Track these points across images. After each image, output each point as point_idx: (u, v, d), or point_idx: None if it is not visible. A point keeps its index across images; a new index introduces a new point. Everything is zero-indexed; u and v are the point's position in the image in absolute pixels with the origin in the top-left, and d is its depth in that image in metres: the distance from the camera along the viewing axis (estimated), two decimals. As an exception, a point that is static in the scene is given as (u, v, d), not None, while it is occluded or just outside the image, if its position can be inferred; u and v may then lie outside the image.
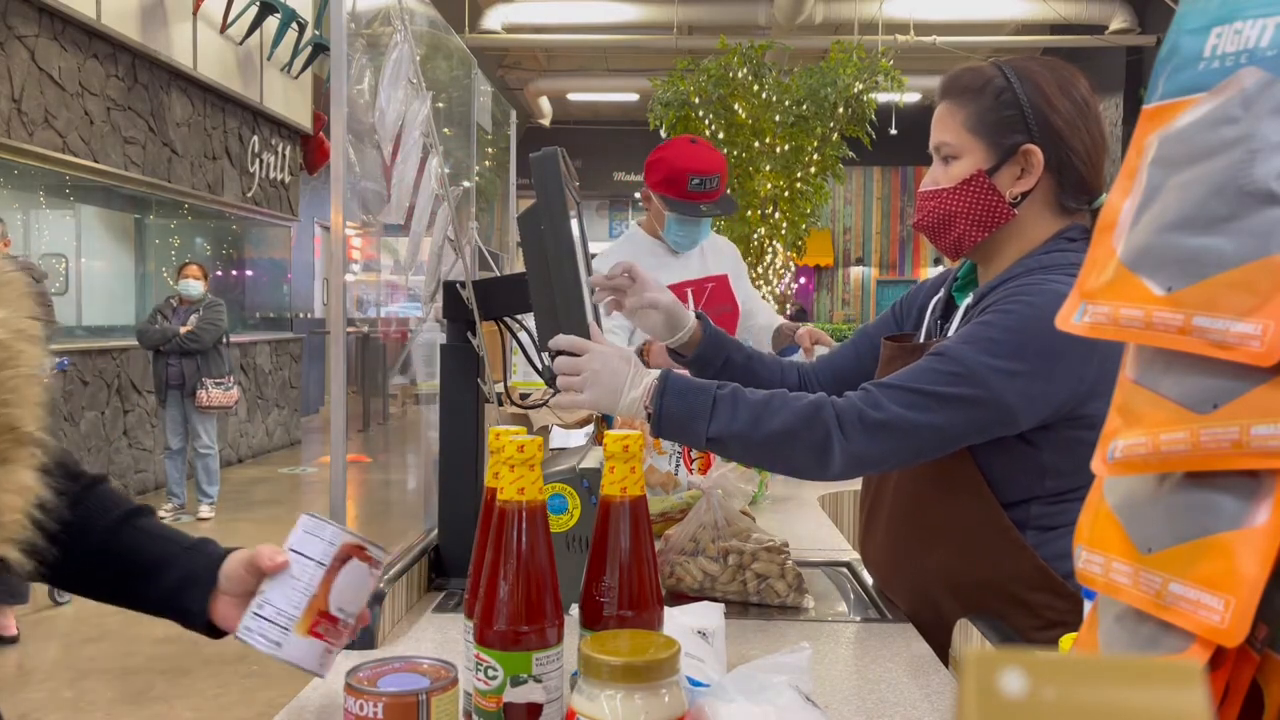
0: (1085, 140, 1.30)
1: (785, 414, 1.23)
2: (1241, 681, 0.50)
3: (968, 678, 0.29)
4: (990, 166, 1.30)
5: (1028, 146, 1.29)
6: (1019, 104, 1.29)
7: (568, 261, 1.34)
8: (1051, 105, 1.29)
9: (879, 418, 1.22)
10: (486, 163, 5.07)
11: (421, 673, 0.83)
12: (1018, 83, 1.30)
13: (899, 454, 1.25)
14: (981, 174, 1.31)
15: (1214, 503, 0.50)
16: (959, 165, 1.33)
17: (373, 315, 11.01)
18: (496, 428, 0.97)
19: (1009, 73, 1.31)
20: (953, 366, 1.23)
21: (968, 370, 1.22)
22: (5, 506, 0.80)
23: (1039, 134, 1.28)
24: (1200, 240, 0.51)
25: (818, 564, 1.80)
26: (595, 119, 17.43)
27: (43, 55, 6.38)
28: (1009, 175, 1.30)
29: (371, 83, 1.65)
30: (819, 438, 1.22)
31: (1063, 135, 1.29)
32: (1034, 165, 1.29)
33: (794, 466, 1.28)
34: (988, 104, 1.30)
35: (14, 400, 0.80)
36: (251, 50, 8.86)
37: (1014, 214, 1.31)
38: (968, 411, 1.22)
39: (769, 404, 1.25)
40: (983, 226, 1.33)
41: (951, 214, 1.33)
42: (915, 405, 1.22)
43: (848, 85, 9.58)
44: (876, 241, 18.50)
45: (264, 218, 9.94)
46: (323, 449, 9.76)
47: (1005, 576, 1.31)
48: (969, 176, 1.31)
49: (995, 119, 1.30)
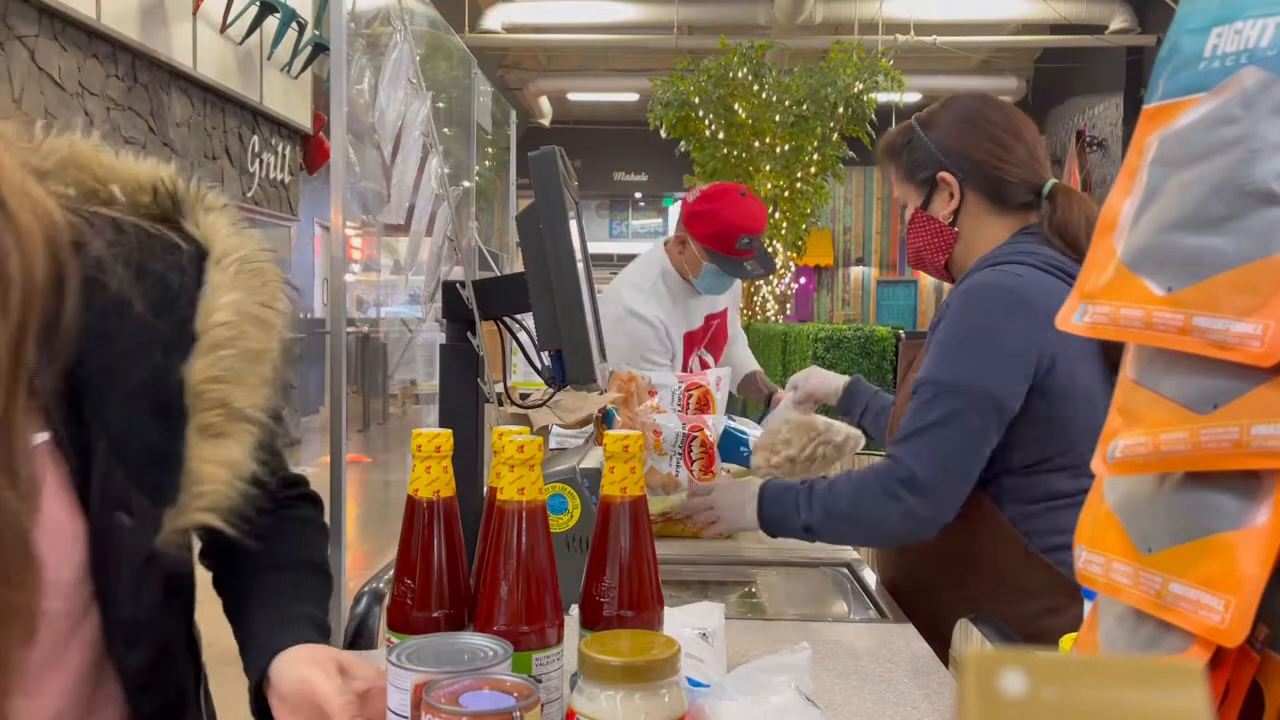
0: (993, 150, 1.50)
1: (844, 496, 1.46)
2: (1241, 681, 0.50)
3: (968, 678, 0.29)
4: (922, 202, 1.56)
5: (941, 174, 1.53)
6: (925, 145, 1.55)
7: (567, 261, 1.34)
8: (951, 135, 1.53)
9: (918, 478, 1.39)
10: (486, 163, 5.07)
11: (504, 690, 0.78)
12: (921, 130, 1.55)
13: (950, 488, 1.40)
14: (919, 211, 1.56)
15: (1214, 503, 0.50)
16: (908, 210, 1.59)
17: (373, 315, 11.03)
18: (500, 427, 0.97)
19: (916, 125, 1.57)
20: (927, 392, 1.42)
21: (939, 385, 1.41)
22: (210, 478, 0.84)
23: (948, 162, 1.52)
24: (1200, 240, 0.51)
25: (818, 564, 1.80)
26: (595, 119, 17.44)
27: (43, 55, 6.38)
28: (940, 203, 1.54)
29: (371, 83, 1.65)
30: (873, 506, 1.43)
31: (968, 155, 1.51)
32: (952, 186, 1.52)
33: (871, 536, 1.57)
34: (905, 155, 1.58)
35: (231, 378, 0.85)
36: (251, 50, 8.86)
37: (955, 231, 1.54)
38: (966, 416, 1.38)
39: (834, 488, 1.48)
40: (939, 250, 1.56)
41: (918, 250, 1.59)
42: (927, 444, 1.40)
43: (848, 85, 9.59)
44: (876, 241, 18.50)
45: (264, 218, 9.95)
46: (323, 449, 9.75)
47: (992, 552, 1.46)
48: (913, 217, 1.57)
49: (913, 163, 1.56)
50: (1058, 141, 15.12)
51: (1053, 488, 1.40)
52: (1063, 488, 1.40)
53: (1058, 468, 1.40)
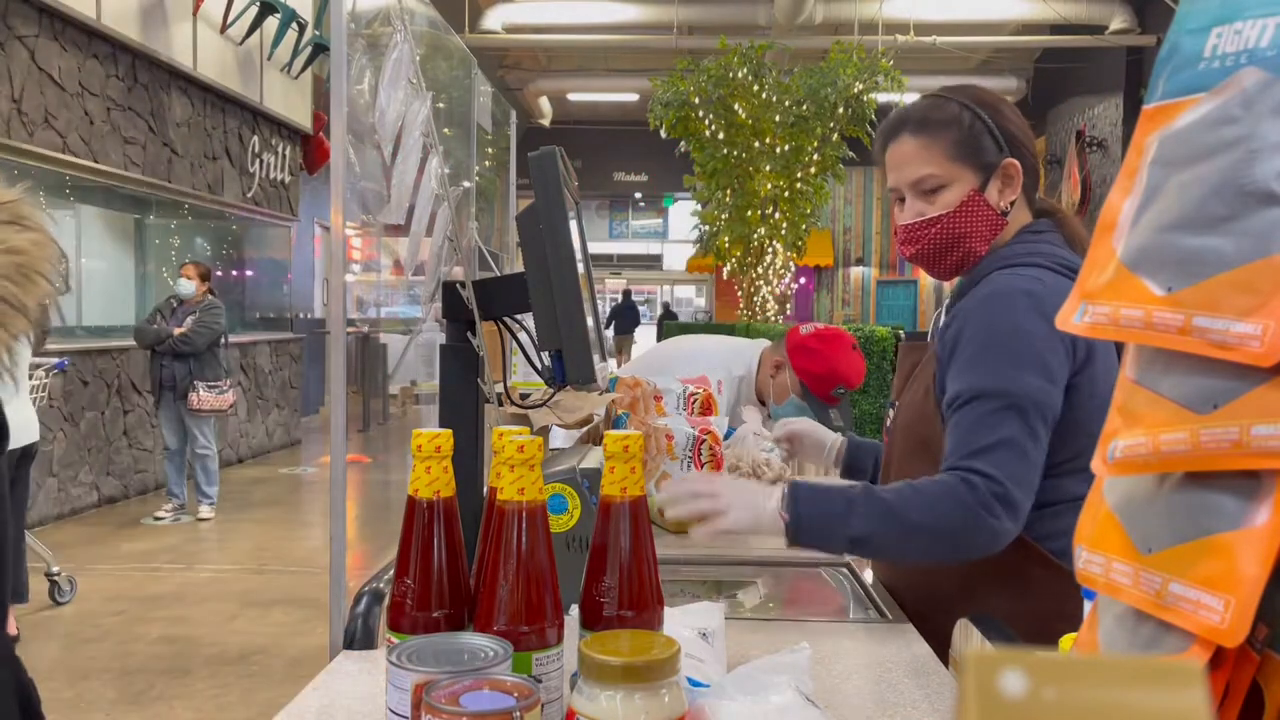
0: (1032, 142, 1.49)
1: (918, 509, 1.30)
2: (1241, 681, 0.50)
3: (968, 678, 0.29)
4: (979, 186, 1.44)
5: (1008, 161, 1.44)
6: (991, 128, 1.44)
7: (567, 262, 1.34)
8: (1010, 121, 1.46)
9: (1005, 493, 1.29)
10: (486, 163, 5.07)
11: (504, 690, 0.78)
12: (979, 109, 1.45)
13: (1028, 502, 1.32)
14: (975, 194, 1.44)
15: (1214, 503, 0.50)
16: (950, 192, 1.44)
17: (373, 315, 11.03)
18: (500, 427, 0.97)
19: (968, 102, 1.46)
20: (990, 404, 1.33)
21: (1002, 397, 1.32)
22: None
23: (1009, 149, 1.44)
24: (1200, 240, 0.51)
25: (818, 564, 1.80)
26: (595, 119, 17.44)
27: (43, 55, 6.38)
28: (994, 190, 1.45)
29: (371, 83, 1.65)
30: (959, 525, 1.29)
31: (1022, 144, 1.46)
32: (1015, 176, 1.45)
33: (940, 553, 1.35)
34: (963, 133, 1.44)
35: None
36: (251, 50, 8.86)
37: (1005, 221, 1.46)
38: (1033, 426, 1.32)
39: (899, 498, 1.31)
40: (984, 240, 1.45)
41: (956, 236, 1.45)
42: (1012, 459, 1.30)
43: (848, 85, 9.59)
44: (876, 241, 18.50)
45: (264, 218, 9.94)
46: (323, 449, 9.76)
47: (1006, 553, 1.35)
48: (965, 199, 1.44)
49: (974, 144, 1.44)
50: (1058, 141, 15.11)
51: (1067, 491, 1.38)
52: (1076, 491, 1.37)
53: (1072, 470, 1.38)
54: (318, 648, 4.21)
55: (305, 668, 3.94)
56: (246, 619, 4.64)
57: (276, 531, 6.50)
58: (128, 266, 8.86)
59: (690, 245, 13.01)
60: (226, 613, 4.71)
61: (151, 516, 6.65)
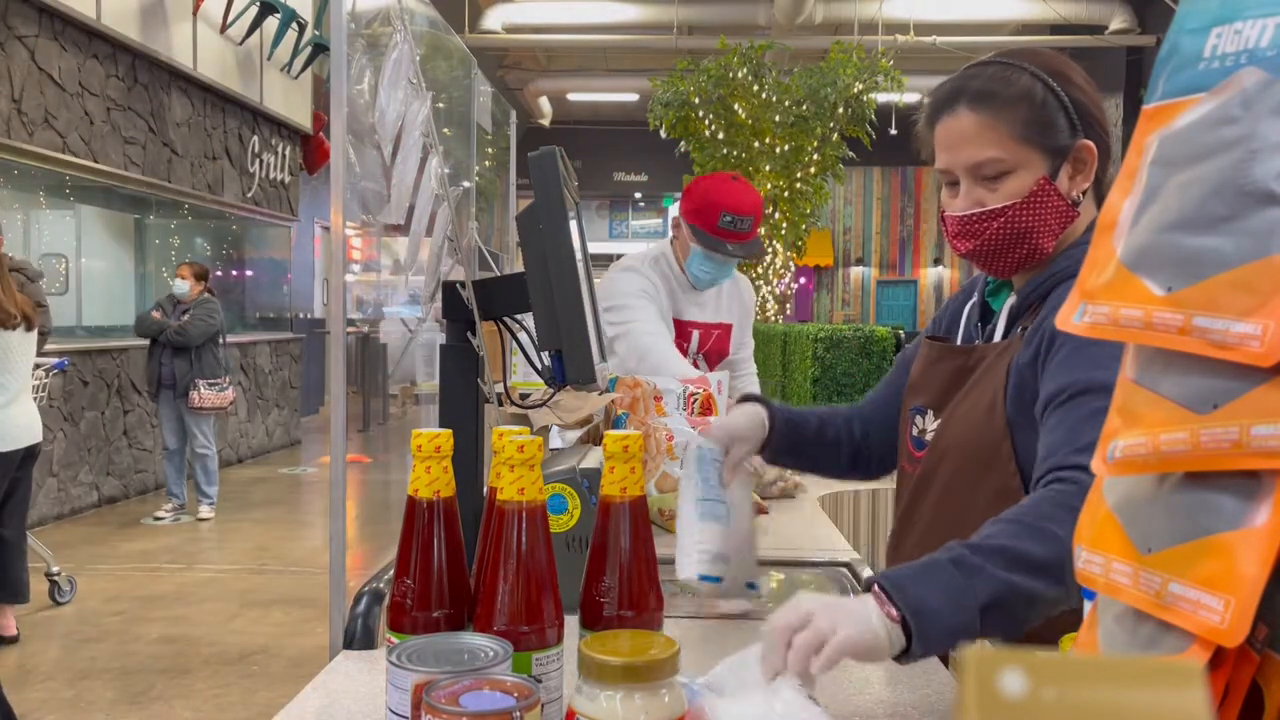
0: (1107, 116, 1.26)
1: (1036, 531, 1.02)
2: (1241, 681, 0.50)
3: (968, 678, 0.29)
4: (1050, 172, 1.23)
5: (1083, 143, 1.23)
6: (1063, 103, 1.22)
7: (567, 261, 1.34)
8: (1087, 95, 1.24)
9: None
10: (486, 163, 5.07)
11: (504, 690, 0.78)
12: (1053, 81, 1.22)
13: None
14: (1046, 182, 1.23)
15: (1214, 503, 0.50)
16: (1016, 179, 1.23)
17: (373, 315, 11.02)
18: (500, 427, 0.97)
19: (1039, 72, 1.23)
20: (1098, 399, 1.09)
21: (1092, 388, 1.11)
22: None
23: (1085, 129, 1.23)
24: (1200, 240, 0.51)
25: (818, 564, 1.80)
26: (595, 119, 17.43)
27: (43, 55, 6.38)
28: (1065, 176, 1.24)
29: (371, 83, 1.65)
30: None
31: (1100, 122, 1.24)
32: (1090, 160, 1.24)
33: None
34: (1034, 111, 1.22)
35: None
36: (251, 50, 8.86)
37: (1077, 213, 1.26)
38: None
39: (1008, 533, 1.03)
40: (1054, 234, 1.25)
41: (1023, 231, 1.24)
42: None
43: (848, 85, 9.59)
44: (876, 241, 18.50)
45: (264, 218, 9.94)
46: (323, 449, 9.76)
47: None
48: (1035, 188, 1.23)
49: (1046, 123, 1.22)
50: (1058, 141, 15.11)
51: None
52: None
53: None
54: (318, 648, 4.20)
55: (305, 668, 3.94)
56: (246, 619, 4.64)
57: (276, 531, 6.50)
58: (127, 266, 8.86)
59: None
60: (226, 613, 4.71)
61: (151, 516, 6.65)
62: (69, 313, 7.86)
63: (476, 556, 1.00)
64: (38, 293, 4.36)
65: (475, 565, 1.00)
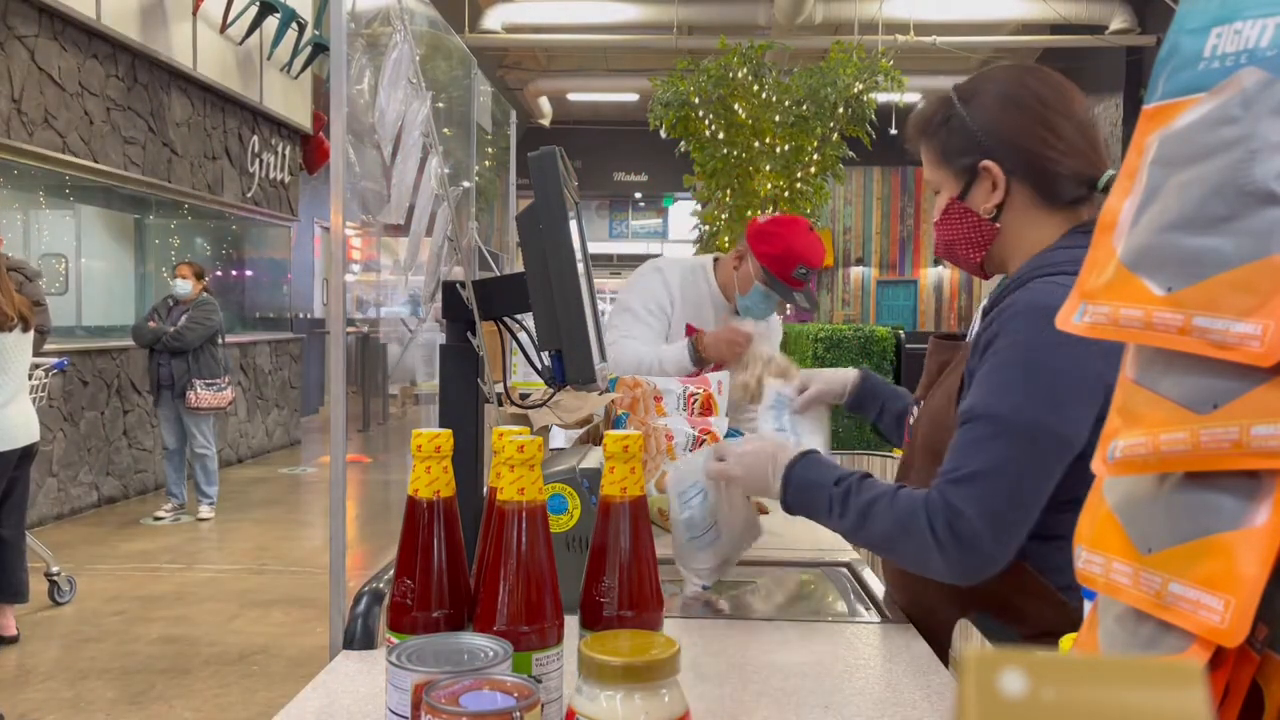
0: (1043, 136, 1.30)
1: (886, 521, 1.25)
2: (1241, 681, 0.50)
3: (968, 678, 0.29)
4: (959, 192, 1.35)
5: (984, 163, 1.32)
6: (965, 125, 1.33)
7: (567, 261, 1.34)
8: (995, 116, 1.31)
9: (968, 528, 1.19)
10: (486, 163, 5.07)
11: (504, 690, 0.78)
12: (962, 106, 1.34)
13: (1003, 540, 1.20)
14: (954, 201, 1.36)
15: (1214, 503, 0.50)
16: (940, 197, 1.39)
17: (373, 315, 11.03)
18: (500, 427, 0.97)
19: (956, 98, 1.35)
20: (984, 428, 1.21)
21: (999, 422, 1.21)
22: None
23: (993, 149, 1.31)
24: (1200, 240, 0.51)
25: (818, 564, 1.80)
26: (595, 119, 17.43)
27: (43, 55, 6.38)
28: (981, 194, 1.34)
29: (371, 83, 1.65)
30: (917, 547, 1.23)
31: (1014, 141, 1.30)
32: (995, 177, 1.32)
33: (907, 565, 1.29)
34: (944, 134, 1.36)
35: None
36: (251, 50, 8.86)
37: (996, 227, 1.34)
38: (1027, 459, 1.20)
39: (874, 508, 1.26)
40: (975, 246, 1.37)
41: (949, 242, 1.40)
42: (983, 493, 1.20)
43: (848, 85, 9.58)
44: (876, 241, 18.50)
45: (264, 218, 9.94)
46: (323, 449, 9.76)
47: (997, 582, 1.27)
48: (946, 206, 1.37)
49: (952, 146, 1.35)
50: (1058, 141, 15.09)
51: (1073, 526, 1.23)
52: None
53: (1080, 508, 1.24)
54: (318, 648, 4.21)
55: (305, 668, 3.94)
56: (246, 619, 4.64)
57: (276, 531, 6.50)
58: (127, 266, 8.86)
59: (690, 245, 13.01)
60: (226, 613, 4.71)
61: (151, 516, 6.65)
62: (69, 313, 7.86)
63: (476, 556, 1.00)
64: (36, 291, 4.36)
65: (475, 565, 1.00)
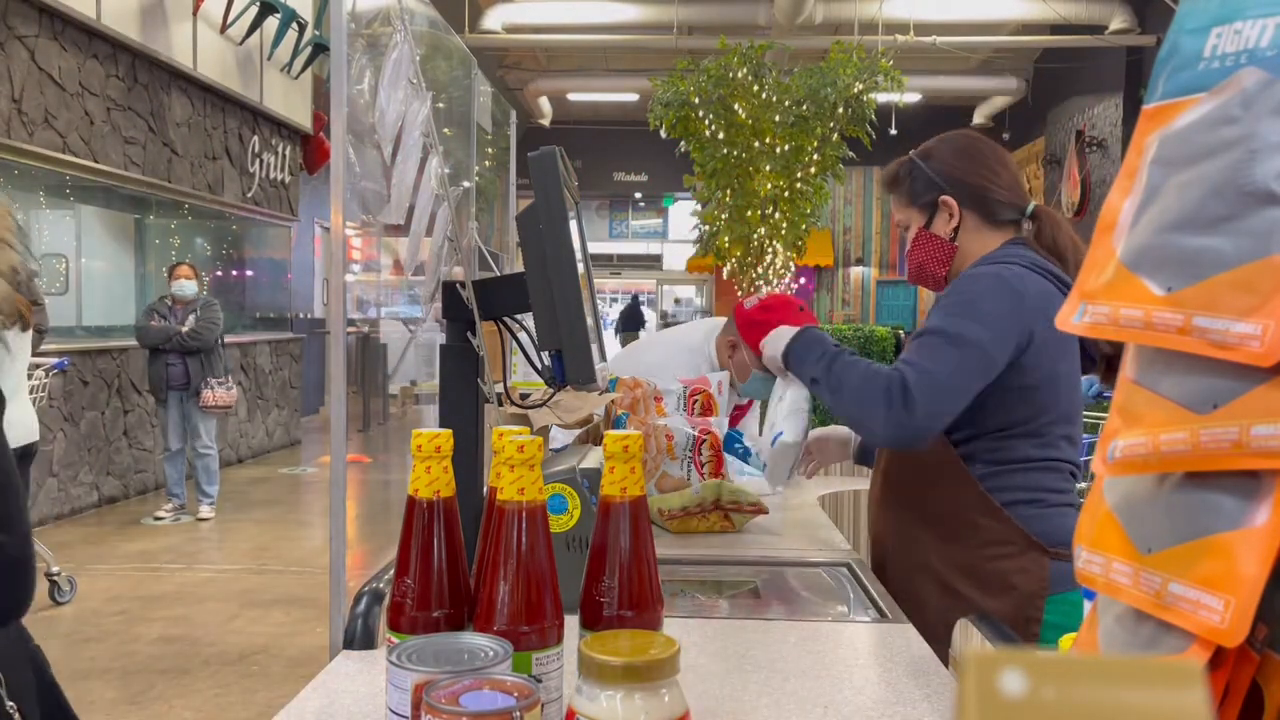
0: (986, 175, 1.77)
1: (854, 380, 1.66)
2: (1241, 681, 0.50)
3: (968, 678, 0.29)
4: (925, 223, 1.81)
5: (942, 198, 1.78)
6: (925, 174, 1.80)
7: (567, 261, 1.34)
8: (950, 164, 1.79)
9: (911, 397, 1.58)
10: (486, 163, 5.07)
11: (504, 690, 0.77)
12: (923, 161, 1.81)
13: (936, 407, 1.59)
14: (922, 230, 1.81)
15: (1214, 503, 0.50)
16: (910, 231, 1.83)
17: (373, 315, 11.03)
18: (500, 427, 0.97)
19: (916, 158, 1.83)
20: (932, 339, 1.63)
21: (944, 335, 1.62)
22: None
23: (948, 187, 1.78)
24: (1200, 240, 0.51)
25: (818, 564, 1.80)
26: (595, 119, 17.44)
27: (43, 55, 6.38)
28: (941, 221, 1.79)
29: (371, 83, 1.65)
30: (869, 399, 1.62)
31: (965, 180, 1.77)
32: (951, 208, 1.78)
33: (861, 426, 1.73)
34: (908, 183, 1.82)
35: None
36: (251, 50, 8.86)
37: (955, 245, 1.79)
38: (963, 357, 1.60)
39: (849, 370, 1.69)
40: (941, 263, 1.80)
41: (920, 263, 1.82)
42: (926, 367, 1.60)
43: (848, 85, 9.58)
44: (876, 242, 18.50)
45: (264, 218, 9.94)
46: (323, 449, 9.76)
47: (958, 504, 1.69)
48: (916, 235, 1.82)
49: (915, 190, 1.81)
50: (1057, 141, 15.11)
51: (1021, 453, 1.67)
52: (1030, 454, 1.67)
53: (1024, 434, 1.67)
54: (318, 648, 4.21)
55: (305, 668, 3.94)
56: (246, 619, 4.64)
57: (276, 531, 6.50)
58: (127, 266, 8.86)
59: (690, 245, 13.01)
60: (226, 613, 4.71)
61: (151, 516, 6.65)
62: (69, 313, 7.86)
63: (476, 556, 1.00)
64: (33, 290, 4.36)
65: (475, 565, 1.00)
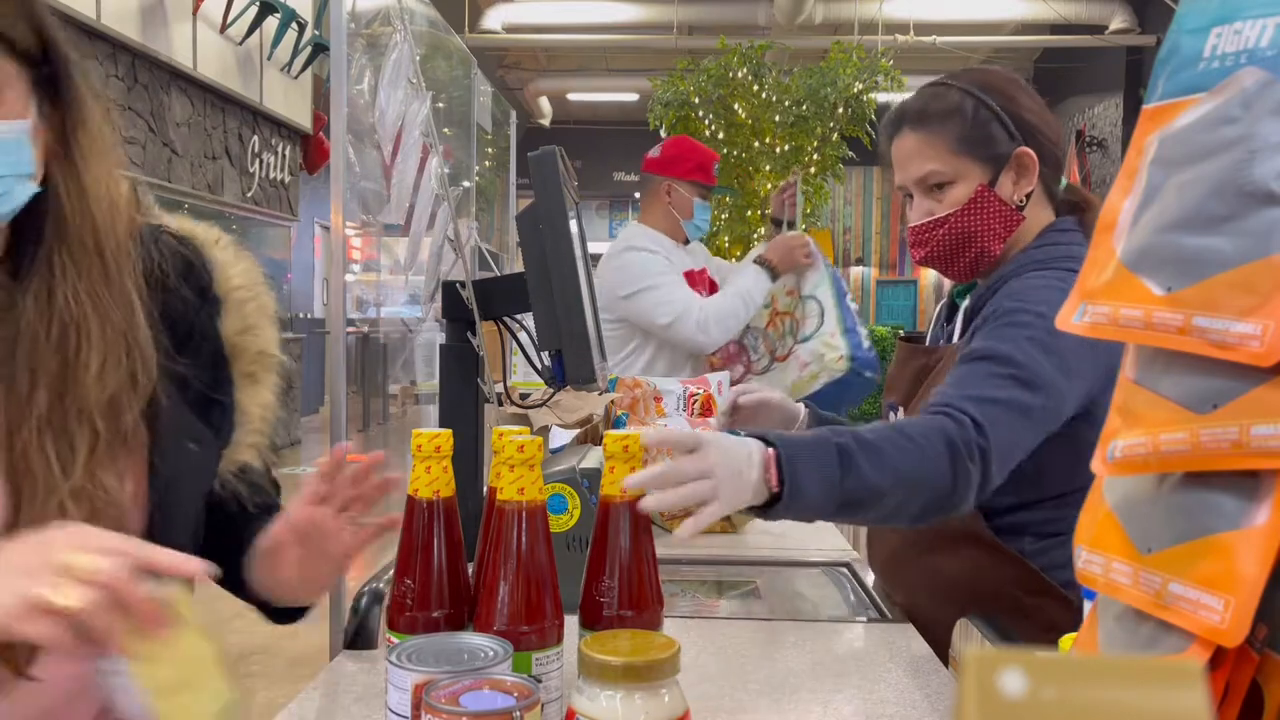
0: (1052, 127, 1.38)
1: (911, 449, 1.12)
2: (1241, 681, 0.50)
3: (968, 678, 0.29)
4: (989, 180, 1.35)
5: (1021, 150, 1.34)
6: (998, 116, 1.35)
7: (567, 261, 1.34)
8: (1022, 105, 1.36)
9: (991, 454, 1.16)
10: (486, 163, 5.07)
11: (504, 690, 0.77)
12: (985, 95, 1.35)
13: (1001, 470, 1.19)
14: (984, 188, 1.35)
15: (1214, 503, 0.50)
16: (957, 188, 1.36)
17: (373, 315, 11.03)
18: (500, 427, 0.97)
19: (972, 89, 1.36)
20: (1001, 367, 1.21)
21: (1015, 365, 1.21)
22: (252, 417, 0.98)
23: (1022, 136, 1.35)
24: (1200, 240, 0.51)
25: (818, 564, 1.80)
26: (595, 119, 17.43)
27: (43, 55, 6.37)
28: (1007, 182, 1.36)
29: (371, 83, 1.65)
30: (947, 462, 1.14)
31: (1038, 130, 1.36)
32: (1030, 166, 1.35)
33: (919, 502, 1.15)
34: (967, 124, 1.35)
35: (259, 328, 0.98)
36: (251, 50, 8.86)
37: (1023, 216, 1.36)
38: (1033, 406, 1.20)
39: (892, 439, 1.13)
40: (999, 238, 1.36)
41: (968, 235, 1.36)
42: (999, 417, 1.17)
43: (848, 85, 9.59)
44: (876, 241, 18.50)
45: (264, 218, 9.94)
46: (323, 449, 9.75)
47: (997, 581, 1.32)
48: (974, 195, 1.35)
49: (980, 135, 1.35)
50: (1058, 141, 15.08)
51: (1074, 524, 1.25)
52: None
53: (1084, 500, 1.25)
54: (318, 648, 4.20)
55: (305, 668, 3.94)
56: (246, 619, 4.62)
57: (276, 531, 6.49)
58: (128, 266, 8.85)
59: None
60: (226, 612, 4.71)
61: (151, 516, 6.64)
62: (69, 313, 7.84)
63: (476, 556, 1.00)
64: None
65: (475, 565, 1.00)
